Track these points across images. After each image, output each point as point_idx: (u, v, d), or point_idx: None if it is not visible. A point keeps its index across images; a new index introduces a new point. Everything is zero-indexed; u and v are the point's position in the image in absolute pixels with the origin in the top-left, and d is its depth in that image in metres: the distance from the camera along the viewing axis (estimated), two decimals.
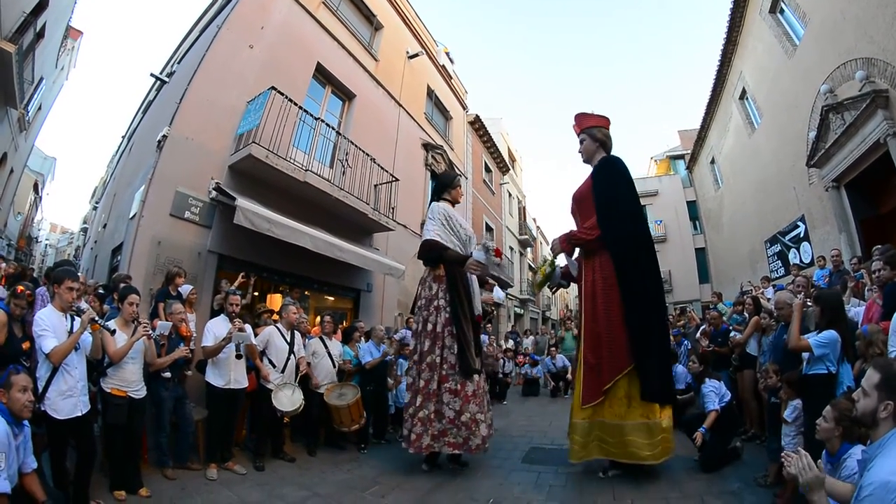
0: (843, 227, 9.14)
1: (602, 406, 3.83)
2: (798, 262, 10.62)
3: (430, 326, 4.42)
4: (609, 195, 4.12)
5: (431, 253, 4.52)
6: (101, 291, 5.27)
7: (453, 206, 4.84)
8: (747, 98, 13.84)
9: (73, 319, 3.26)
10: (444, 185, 4.90)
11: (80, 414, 3.13)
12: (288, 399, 4.56)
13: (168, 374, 4.09)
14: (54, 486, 2.99)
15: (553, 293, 5.39)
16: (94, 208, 19.95)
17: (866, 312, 4.02)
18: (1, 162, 13.44)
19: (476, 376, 4.29)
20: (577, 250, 4.41)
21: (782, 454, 1.96)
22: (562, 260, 4.60)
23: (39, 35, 11.27)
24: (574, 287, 4.73)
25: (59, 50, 15.78)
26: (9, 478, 2.26)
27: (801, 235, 11.00)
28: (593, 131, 4.41)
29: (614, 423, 3.75)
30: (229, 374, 4.35)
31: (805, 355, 3.35)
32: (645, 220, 4.47)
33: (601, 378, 3.84)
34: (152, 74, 8.88)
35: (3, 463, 2.23)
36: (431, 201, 4.94)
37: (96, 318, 3.35)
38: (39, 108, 16.35)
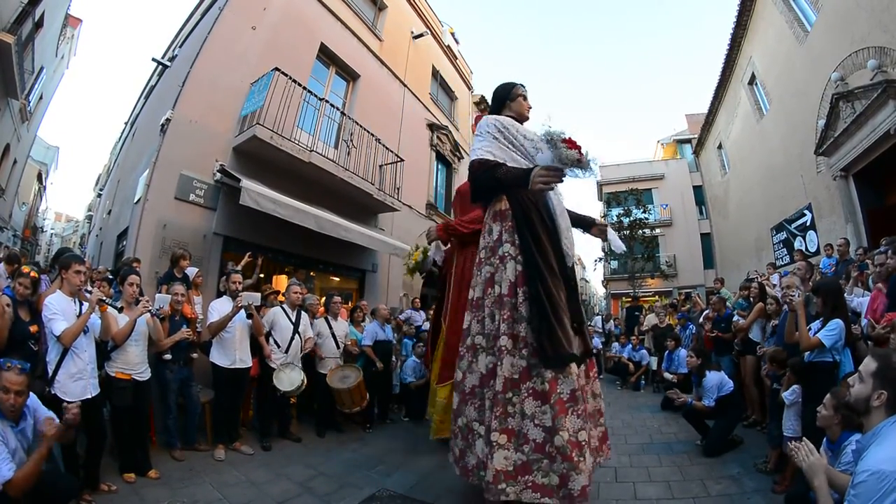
0: (849, 217, 9.07)
1: None
2: (804, 250, 10.57)
3: (494, 289, 2.82)
4: None
5: (481, 175, 2.89)
6: (109, 277, 5.29)
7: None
8: (756, 83, 13.62)
9: (81, 304, 3.30)
10: (499, 99, 3.23)
11: (89, 396, 3.17)
12: (288, 379, 4.59)
13: (168, 357, 4.10)
14: (65, 469, 3.02)
15: (423, 278, 5.26)
16: (99, 195, 19.99)
17: (871, 303, 4.00)
18: (4, 153, 13.45)
19: (575, 367, 2.64)
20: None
21: (790, 446, 2.00)
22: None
23: (38, 24, 11.22)
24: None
25: (59, 39, 15.71)
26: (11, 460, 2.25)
27: (808, 224, 10.93)
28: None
29: None
30: (234, 354, 4.38)
31: None
32: None
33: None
34: (154, 59, 8.78)
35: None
36: None
37: (104, 299, 3.38)
38: (41, 98, 16.34)
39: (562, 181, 2.64)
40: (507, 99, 3.19)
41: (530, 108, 3.22)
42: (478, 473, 2.63)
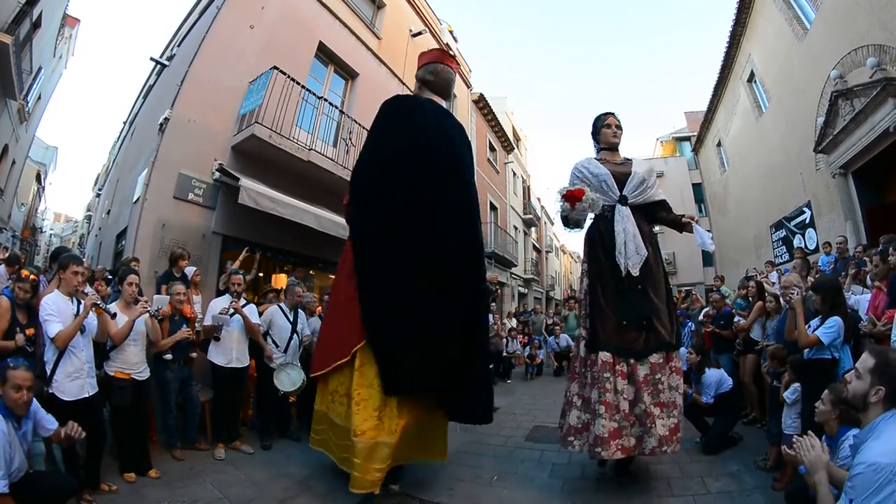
0: (849, 215, 9.08)
1: (326, 396, 3.46)
2: (803, 247, 10.57)
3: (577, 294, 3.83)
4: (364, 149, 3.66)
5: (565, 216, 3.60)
6: (108, 276, 5.29)
7: (613, 150, 3.85)
8: (755, 81, 13.61)
9: (79, 303, 3.29)
10: (593, 133, 3.94)
11: (87, 395, 3.17)
12: (288, 379, 4.57)
13: (169, 357, 4.09)
14: (65, 469, 3.03)
15: None
16: (97, 195, 19.92)
17: (872, 300, 4.00)
18: (3, 153, 13.41)
19: (605, 355, 3.27)
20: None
21: (794, 439, 2.01)
22: None
23: (36, 25, 11.18)
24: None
25: (57, 39, 15.64)
26: (8, 475, 2.24)
27: (807, 221, 10.94)
28: (418, 72, 3.83)
29: (336, 420, 3.31)
30: (231, 353, 4.38)
31: None
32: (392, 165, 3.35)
33: (331, 353, 3.39)
34: (152, 58, 8.76)
35: (2, 463, 2.21)
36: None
37: (99, 303, 3.37)
38: (39, 98, 16.28)
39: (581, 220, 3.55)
40: (596, 133, 3.85)
41: (614, 133, 3.80)
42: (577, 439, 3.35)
